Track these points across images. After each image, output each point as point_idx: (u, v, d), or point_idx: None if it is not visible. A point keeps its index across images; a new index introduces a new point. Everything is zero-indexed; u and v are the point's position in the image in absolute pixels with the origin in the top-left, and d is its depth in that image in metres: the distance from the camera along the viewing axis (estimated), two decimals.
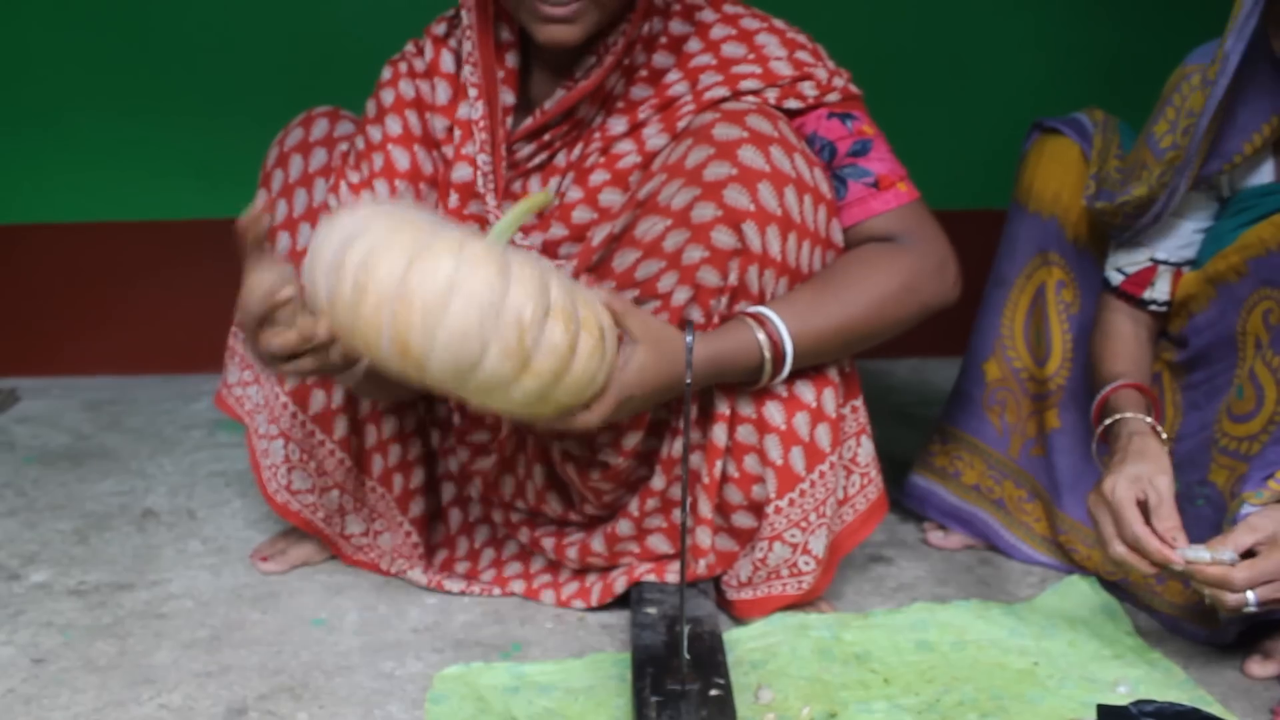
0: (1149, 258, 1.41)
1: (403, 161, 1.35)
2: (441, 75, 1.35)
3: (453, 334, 1.00)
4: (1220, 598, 1.13)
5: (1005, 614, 1.35)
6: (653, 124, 1.29)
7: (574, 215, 1.31)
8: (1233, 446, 1.28)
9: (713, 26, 1.34)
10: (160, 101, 2.28)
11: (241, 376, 1.51)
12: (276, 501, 1.47)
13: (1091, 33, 2.35)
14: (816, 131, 1.30)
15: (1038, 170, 1.52)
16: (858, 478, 1.36)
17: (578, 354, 1.05)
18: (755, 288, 1.22)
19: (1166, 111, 1.37)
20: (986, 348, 1.56)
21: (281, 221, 1.44)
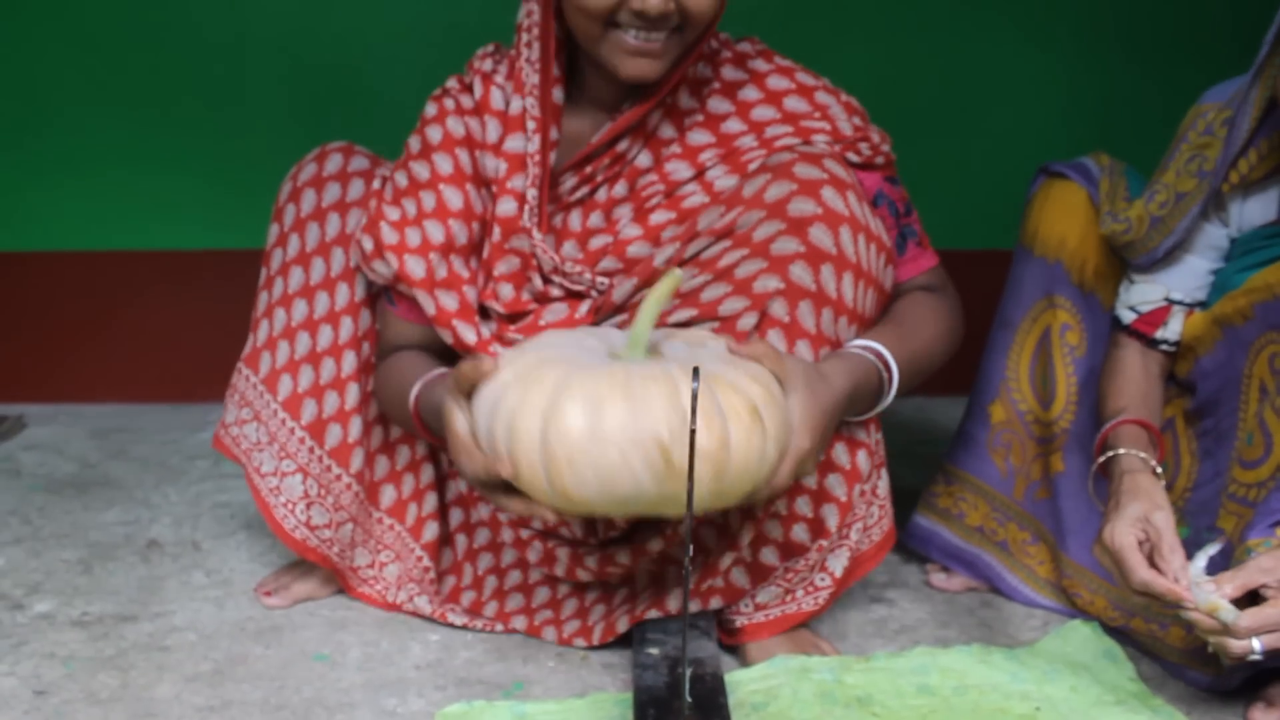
0: (1164, 297, 1.42)
1: (455, 201, 1.35)
2: (492, 113, 1.36)
3: (603, 477, 1.04)
4: (1225, 646, 1.13)
5: (1007, 659, 1.34)
6: (718, 168, 1.33)
7: (629, 250, 1.33)
8: (1241, 493, 1.28)
9: (768, 77, 1.37)
10: (172, 131, 2.30)
11: (239, 415, 1.49)
12: (295, 538, 1.46)
13: (1097, 77, 2.37)
14: (882, 190, 1.37)
15: (1044, 214, 1.53)
16: (876, 509, 1.39)
17: (732, 447, 1.05)
18: (814, 328, 1.25)
19: (1182, 149, 1.39)
20: (991, 390, 1.57)
21: (295, 256, 1.45)
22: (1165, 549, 1.21)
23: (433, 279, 1.33)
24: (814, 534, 1.33)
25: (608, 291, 1.33)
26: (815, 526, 1.33)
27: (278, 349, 1.45)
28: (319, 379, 1.44)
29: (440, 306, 1.33)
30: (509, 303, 1.34)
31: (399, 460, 1.48)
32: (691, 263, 1.29)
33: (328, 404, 1.44)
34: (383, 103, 2.21)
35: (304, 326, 1.44)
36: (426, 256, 1.33)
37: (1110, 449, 1.35)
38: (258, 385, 1.47)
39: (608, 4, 1.22)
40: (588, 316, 1.33)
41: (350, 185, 1.45)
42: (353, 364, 1.43)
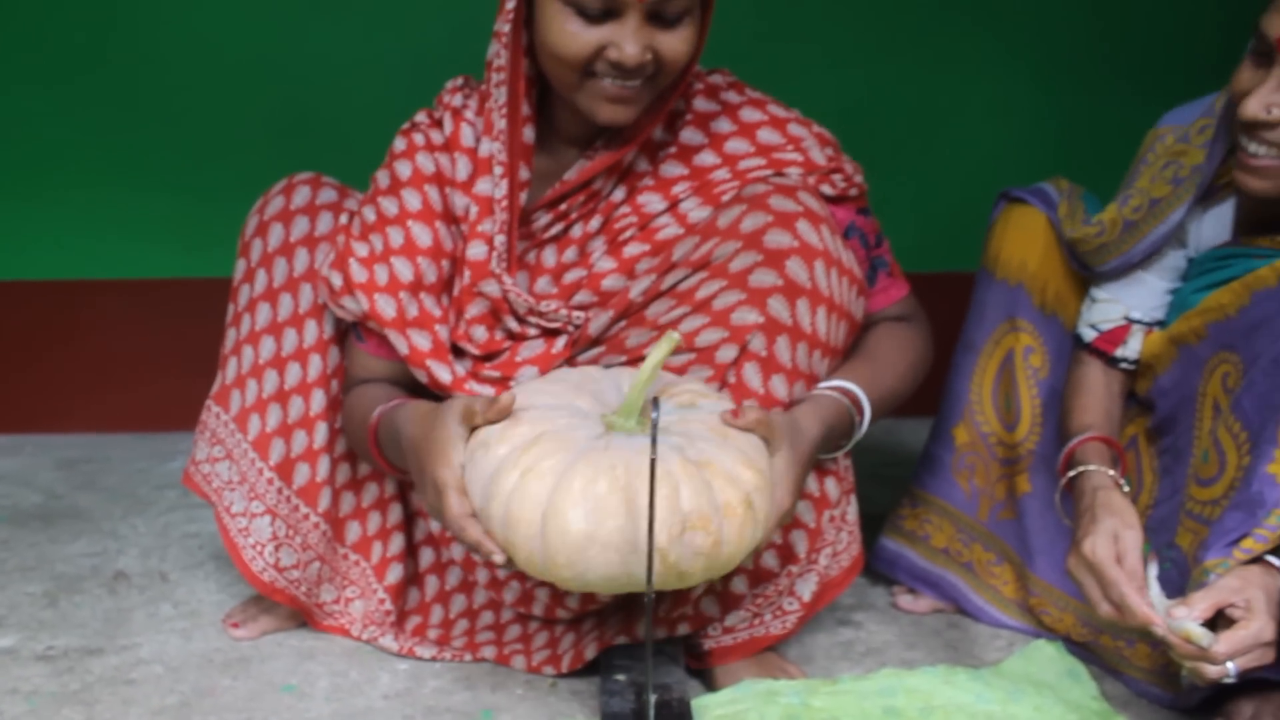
0: (1124, 315, 1.44)
1: (424, 238, 1.34)
2: (462, 150, 1.35)
3: (601, 576, 1.07)
4: (1201, 670, 1.14)
5: (972, 679, 1.35)
6: (691, 199, 1.33)
7: (604, 283, 1.33)
8: (1197, 510, 1.30)
9: (741, 108, 1.38)
10: (140, 159, 2.29)
11: (211, 453, 1.48)
12: (263, 580, 1.44)
13: (1057, 104, 2.40)
14: (854, 223, 1.38)
15: (1005, 239, 1.55)
16: (845, 535, 1.40)
17: (724, 541, 1.08)
18: (790, 362, 1.26)
19: (1143, 171, 1.42)
20: (956, 413, 1.59)
21: (262, 292, 1.43)
22: (1127, 568, 1.23)
23: (404, 318, 1.33)
24: (783, 560, 1.34)
25: (584, 325, 1.33)
26: (785, 553, 1.34)
27: (247, 387, 1.44)
28: (287, 418, 1.43)
29: (413, 346, 1.32)
30: (483, 344, 1.33)
31: (365, 497, 1.47)
32: (669, 294, 1.30)
33: (296, 443, 1.43)
34: (353, 130, 2.21)
35: (272, 364, 1.43)
36: (396, 295, 1.33)
37: (1077, 465, 1.37)
38: (229, 423, 1.46)
39: (584, 54, 1.22)
40: (564, 351, 1.33)
41: (319, 219, 1.44)
42: (321, 402, 1.42)
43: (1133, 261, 1.41)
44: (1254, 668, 1.14)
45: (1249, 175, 1.26)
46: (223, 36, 2.26)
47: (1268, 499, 1.17)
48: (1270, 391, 1.22)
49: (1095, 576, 1.25)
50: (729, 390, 1.26)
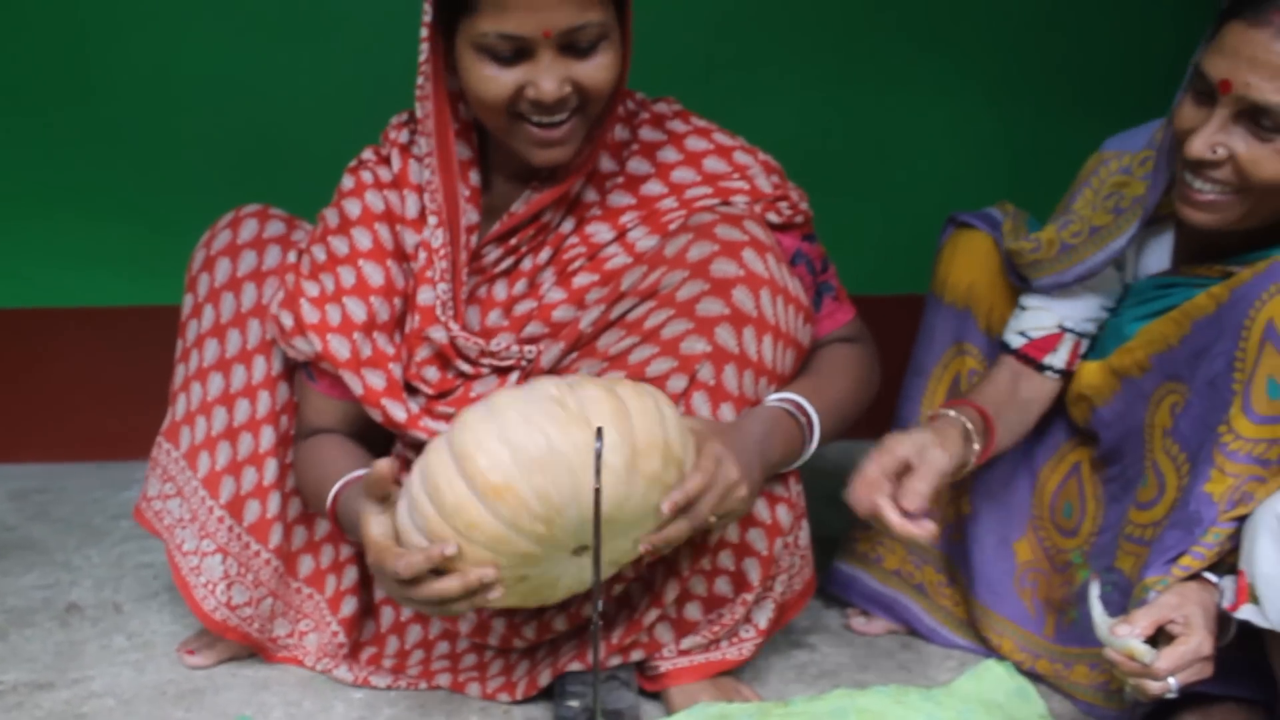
0: (1057, 324, 1.46)
1: (376, 277, 1.34)
2: (410, 187, 1.34)
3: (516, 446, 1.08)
4: (1144, 687, 1.16)
5: (923, 699, 1.36)
6: (639, 229, 1.34)
7: (554, 314, 1.33)
8: (1136, 534, 1.32)
9: (686, 137, 1.39)
10: (96, 187, 2.28)
11: (162, 489, 1.47)
12: (215, 619, 1.43)
13: (1008, 126, 2.44)
14: (800, 250, 1.39)
15: (952, 263, 1.57)
16: (798, 559, 1.41)
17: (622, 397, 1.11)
18: (737, 390, 1.27)
19: (1085, 192, 1.45)
20: None
21: (210, 329, 1.43)
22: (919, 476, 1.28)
23: (358, 359, 1.32)
24: (737, 587, 1.35)
25: (535, 359, 1.33)
26: (738, 580, 1.35)
27: (196, 424, 1.43)
28: (237, 455, 1.42)
29: (368, 386, 1.32)
30: (435, 384, 1.34)
31: (318, 531, 1.47)
32: (618, 324, 1.31)
33: (246, 480, 1.42)
34: (311, 158, 2.19)
35: (221, 401, 1.42)
36: (350, 336, 1.32)
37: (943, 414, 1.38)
38: (179, 460, 1.45)
39: (504, 97, 1.22)
40: (519, 384, 1.32)
41: (266, 252, 1.43)
42: (271, 439, 1.42)
43: (1064, 282, 1.43)
44: (1194, 681, 1.16)
45: (1193, 209, 1.28)
46: (179, 65, 2.26)
47: (1205, 517, 1.20)
48: (1206, 413, 1.24)
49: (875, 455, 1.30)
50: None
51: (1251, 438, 1.18)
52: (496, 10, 1.19)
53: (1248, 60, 1.19)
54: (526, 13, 1.19)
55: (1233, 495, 1.18)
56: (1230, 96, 1.21)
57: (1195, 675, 1.15)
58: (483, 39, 1.21)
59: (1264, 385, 1.17)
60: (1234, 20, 1.21)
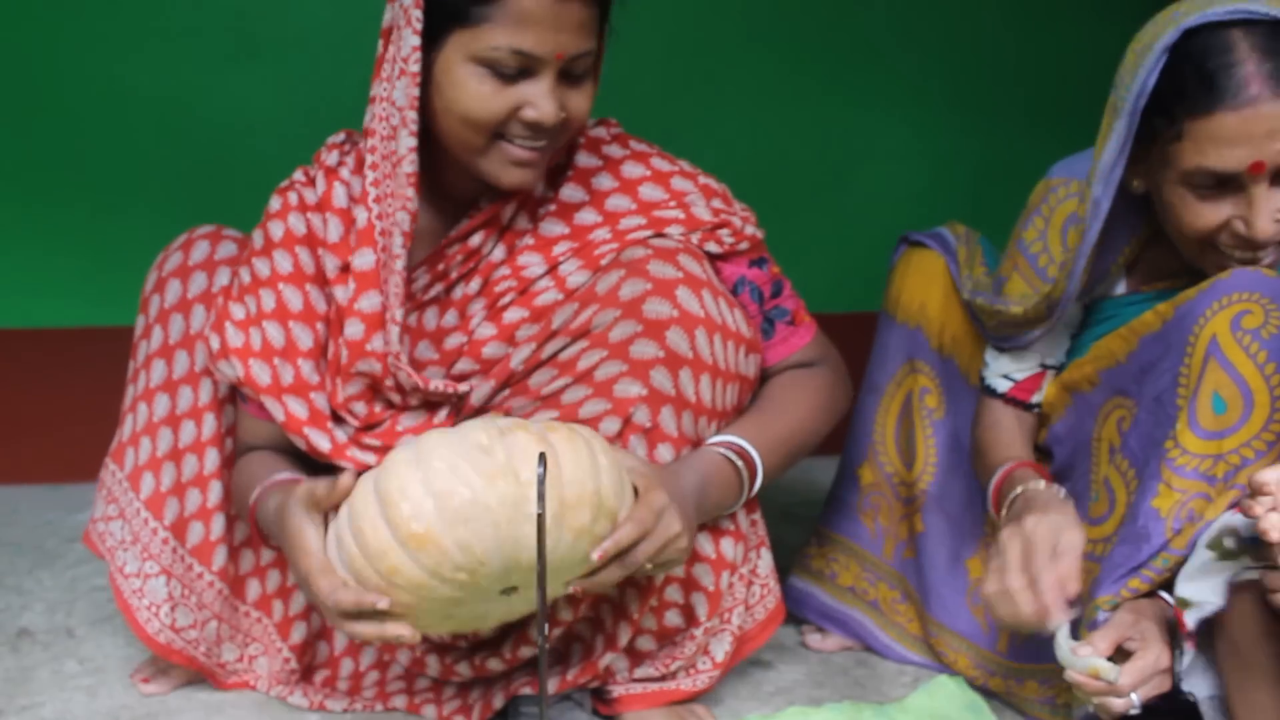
0: (1039, 364, 1.47)
1: (295, 302, 1.31)
2: (334, 210, 1.32)
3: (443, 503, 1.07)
4: (1108, 705, 1.16)
5: (876, 715, 1.37)
6: (571, 262, 1.31)
7: (485, 350, 1.31)
8: (1088, 549, 1.34)
9: (623, 163, 1.36)
10: (49, 207, 2.27)
11: (106, 511, 1.45)
12: (159, 642, 1.41)
13: (963, 146, 2.47)
14: (744, 277, 1.37)
15: (905, 282, 1.59)
16: (758, 588, 1.40)
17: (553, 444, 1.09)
18: (675, 431, 1.26)
19: (1035, 221, 1.46)
20: (861, 453, 1.62)
21: (158, 349, 1.42)
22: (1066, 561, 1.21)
23: (279, 384, 1.30)
24: (687, 620, 1.34)
25: (466, 397, 1.31)
26: (686, 612, 1.34)
27: (140, 445, 1.42)
28: (181, 476, 1.41)
29: (290, 414, 1.30)
30: (363, 418, 1.31)
31: (265, 555, 1.45)
32: (550, 363, 1.29)
33: (189, 502, 1.41)
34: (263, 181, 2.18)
35: (166, 422, 1.41)
36: (270, 361, 1.30)
37: (1016, 485, 1.35)
38: (123, 481, 1.44)
39: (498, 116, 1.20)
40: (447, 421, 1.31)
41: (216, 274, 1.42)
42: (215, 461, 1.40)
43: (1026, 344, 1.44)
44: (1153, 695, 1.17)
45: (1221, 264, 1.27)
46: (131, 88, 2.25)
47: (1153, 534, 1.21)
48: (1153, 429, 1.26)
49: (1023, 547, 1.23)
50: None
51: (1198, 453, 1.20)
52: (515, 24, 1.17)
53: (1265, 135, 1.18)
54: (548, 31, 1.17)
55: (1179, 511, 1.20)
56: (1267, 171, 1.21)
57: (1154, 689, 1.17)
58: (490, 52, 1.18)
59: (1209, 400, 1.20)
60: (1214, 115, 1.20)
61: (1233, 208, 1.24)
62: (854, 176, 2.47)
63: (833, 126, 2.45)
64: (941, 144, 2.48)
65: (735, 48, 2.39)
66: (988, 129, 2.48)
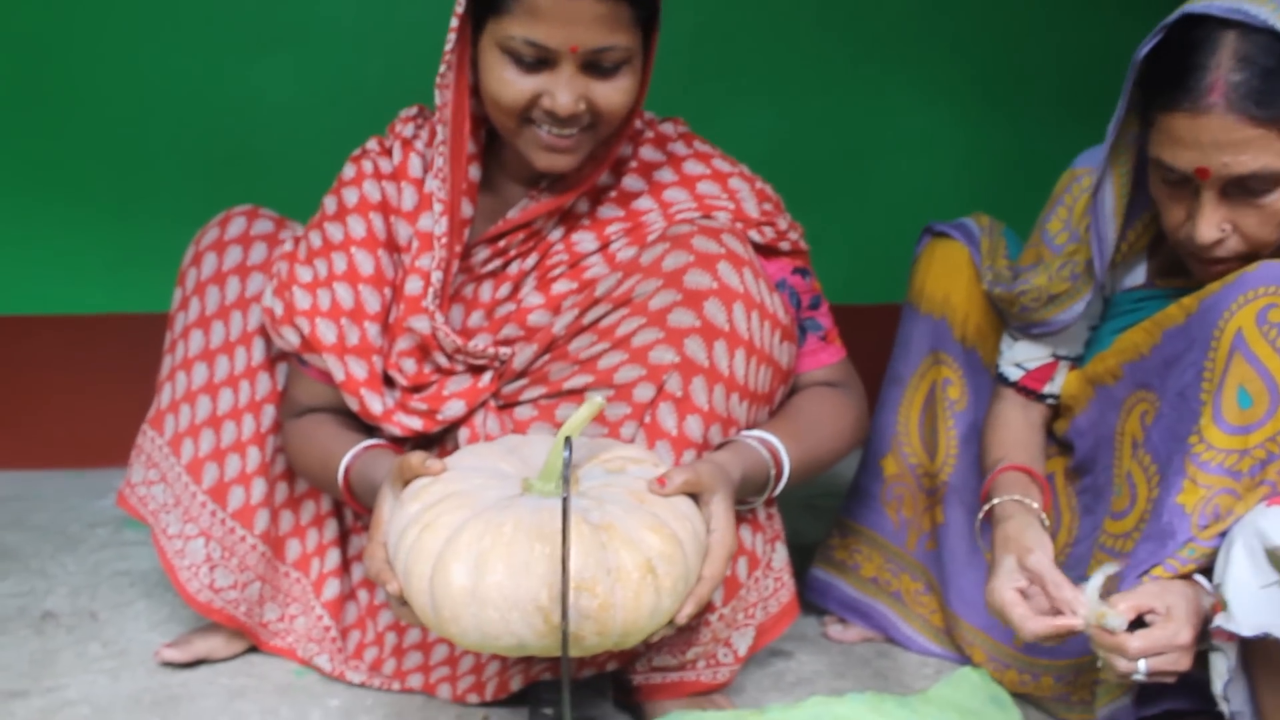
0: (1051, 353, 1.47)
1: (367, 266, 1.35)
2: (409, 180, 1.36)
3: (484, 633, 1.06)
4: (1112, 663, 1.16)
5: (899, 706, 1.37)
6: (621, 239, 1.34)
7: (530, 318, 1.34)
8: (1109, 543, 1.33)
9: (685, 160, 1.39)
10: (73, 194, 2.27)
11: (146, 475, 1.49)
12: (199, 601, 1.45)
13: (982, 136, 2.46)
14: (785, 280, 1.39)
15: (929, 273, 1.58)
16: (771, 581, 1.40)
17: (616, 606, 1.05)
18: (706, 404, 1.26)
19: (1059, 211, 1.45)
20: (884, 444, 1.61)
21: (195, 320, 1.45)
22: (1050, 587, 1.23)
23: (344, 344, 1.34)
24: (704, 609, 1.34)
25: (509, 360, 1.34)
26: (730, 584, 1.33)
27: (180, 412, 1.45)
28: (220, 443, 1.44)
29: (350, 373, 1.34)
30: (412, 376, 1.35)
31: (304, 515, 1.49)
32: (590, 329, 1.31)
33: (229, 467, 1.44)
34: (284, 168, 2.21)
35: (205, 390, 1.44)
36: (338, 321, 1.34)
37: (992, 497, 1.39)
38: (163, 447, 1.47)
39: (520, 102, 1.24)
40: (491, 385, 1.34)
41: (252, 249, 1.46)
42: (252, 427, 1.44)
43: (1050, 331, 1.44)
44: (1167, 670, 1.15)
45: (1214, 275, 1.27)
46: (159, 73, 2.25)
47: (1177, 530, 1.20)
48: (1177, 423, 1.25)
49: (1002, 616, 1.26)
50: (645, 431, 1.27)
51: (1223, 448, 1.19)
52: (528, 16, 1.20)
53: (1211, 145, 1.19)
54: (558, 25, 1.20)
55: (1204, 508, 1.19)
56: (1212, 179, 1.21)
57: (1170, 665, 1.15)
58: (509, 41, 1.22)
59: (1234, 395, 1.18)
60: (1174, 113, 1.21)
61: (1188, 210, 1.25)
62: (877, 167, 2.46)
63: (856, 117, 2.44)
64: (966, 135, 2.47)
65: (759, 37, 2.38)
66: (1013, 120, 2.47)
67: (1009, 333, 1.51)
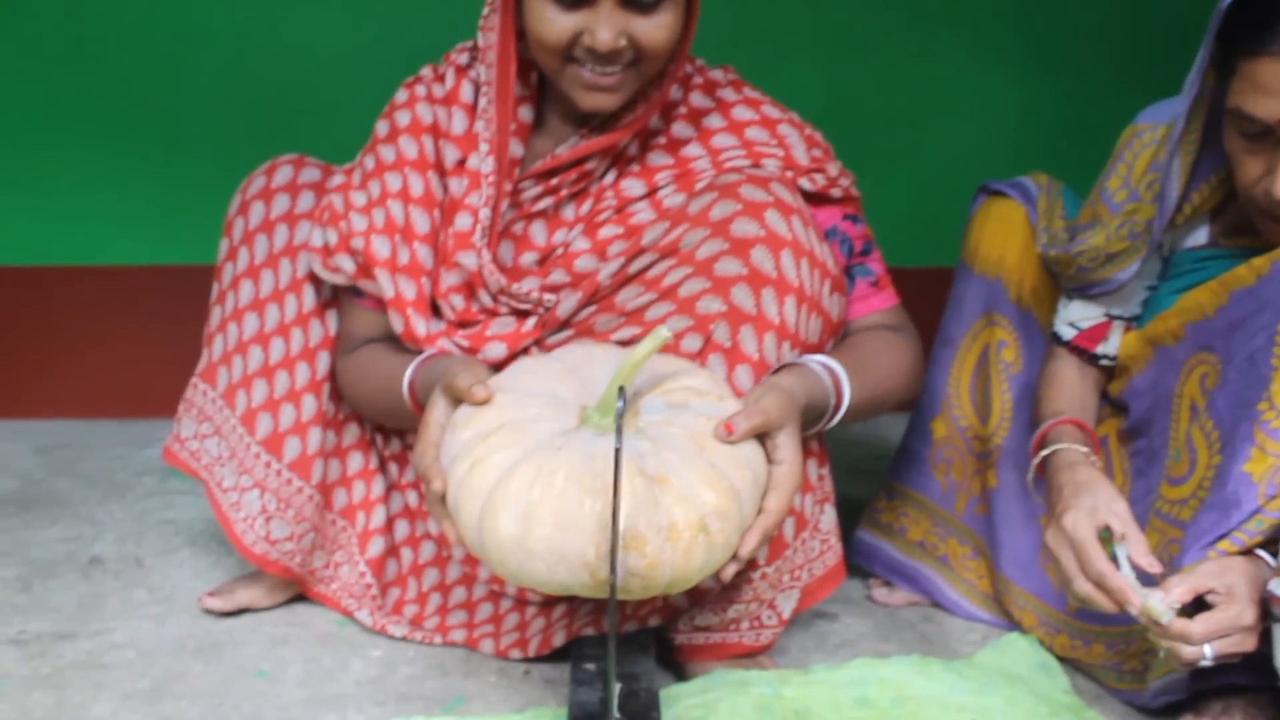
0: (1105, 313, 1.44)
1: (417, 187, 1.36)
2: (460, 105, 1.36)
3: (532, 580, 1.05)
4: (1177, 651, 1.14)
5: (945, 670, 1.35)
6: (669, 187, 1.34)
7: (577, 263, 1.33)
8: (1165, 509, 1.30)
9: (734, 106, 1.38)
10: (122, 146, 2.28)
11: (199, 429, 1.48)
12: (255, 554, 1.45)
13: (1039, 96, 2.41)
14: (836, 226, 1.37)
15: (984, 232, 1.55)
16: (817, 543, 1.38)
17: (663, 564, 1.03)
18: (756, 353, 1.24)
19: (1118, 168, 1.41)
20: (934, 406, 1.59)
21: (244, 270, 1.44)
22: (1132, 541, 1.20)
23: (395, 263, 1.34)
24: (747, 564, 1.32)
25: (553, 308, 1.33)
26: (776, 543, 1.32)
27: (233, 363, 1.45)
28: (273, 393, 1.44)
29: (399, 291, 1.34)
30: (459, 312, 1.35)
31: (351, 466, 1.48)
32: (636, 279, 1.30)
33: (284, 418, 1.44)
34: (332, 119, 2.20)
35: (256, 340, 1.44)
36: (391, 238, 1.34)
37: (1049, 445, 1.35)
38: (216, 400, 1.46)
39: (562, 40, 1.24)
40: (534, 331, 1.34)
41: (299, 197, 1.45)
42: (306, 376, 1.43)
43: (1107, 291, 1.40)
44: (1233, 653, 1.13)
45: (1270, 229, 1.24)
46: (205, 24, 2.25)
47: (1243, 499, 1.17)
48: (1244, 389, 1.21)
49: (1075, 552, 1.22)
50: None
51: None
52: None
53: None
54: None
55: (1273, 477, 1.15)
56: None
57: (1235, 646, 1.12)
58: None
59: None
60: (1261, 58, 1.16)
61: (1266, 165, 1.20)
62: (929, 130, 2.41)
63: (907, 78, 2.40)
64: (1020, 97, 2.42)
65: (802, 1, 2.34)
66: (1067, 82, 2.42)
67: (1064, 293, 1.48)
